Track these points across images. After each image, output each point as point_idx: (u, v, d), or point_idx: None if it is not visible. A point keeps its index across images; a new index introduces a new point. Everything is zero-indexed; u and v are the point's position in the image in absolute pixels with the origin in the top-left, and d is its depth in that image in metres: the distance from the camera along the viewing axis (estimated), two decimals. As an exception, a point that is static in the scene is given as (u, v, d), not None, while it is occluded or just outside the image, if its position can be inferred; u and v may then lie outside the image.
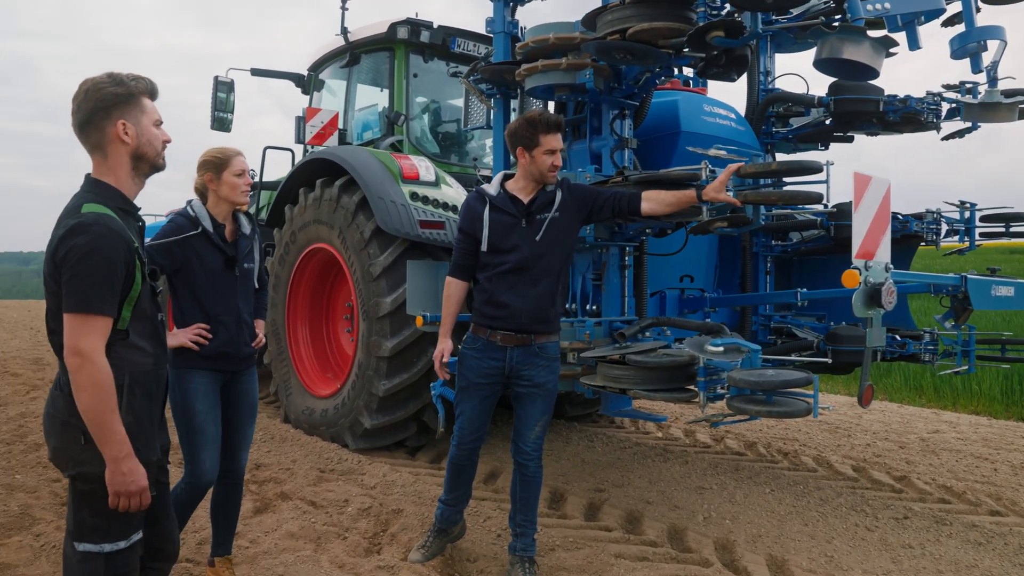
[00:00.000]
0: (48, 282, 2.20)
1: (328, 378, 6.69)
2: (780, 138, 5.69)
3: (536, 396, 3.67)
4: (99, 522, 2.22)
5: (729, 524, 4.60)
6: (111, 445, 2.14)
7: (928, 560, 4.14)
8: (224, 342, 3.34)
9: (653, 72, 4.33)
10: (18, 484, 5.08)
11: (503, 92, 5.04)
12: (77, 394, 2.12)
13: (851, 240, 4.45)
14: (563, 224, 3.63)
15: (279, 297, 6.83)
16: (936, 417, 8.24)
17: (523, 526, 3.78)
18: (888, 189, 3.13)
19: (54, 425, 2.25)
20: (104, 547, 2.22)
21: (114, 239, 2.15)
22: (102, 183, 2.28)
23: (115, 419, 2.15)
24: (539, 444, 3.75)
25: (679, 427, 7.27)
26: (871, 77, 4.82)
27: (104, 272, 2.13)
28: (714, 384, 3.57)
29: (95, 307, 2.12)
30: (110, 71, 2.31)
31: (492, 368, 3.65)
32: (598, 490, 5.21)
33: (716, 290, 5.50)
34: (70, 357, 2.10)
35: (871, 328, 3.06)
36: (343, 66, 7.32)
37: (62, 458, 2.25)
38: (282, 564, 3.85)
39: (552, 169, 3.58)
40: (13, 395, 8.22)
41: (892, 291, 3.01)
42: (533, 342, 3.62)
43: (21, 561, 3.88)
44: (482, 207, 3.65)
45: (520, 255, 3.56)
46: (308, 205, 6.38)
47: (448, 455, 3.93)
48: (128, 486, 2.17)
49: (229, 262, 3.35)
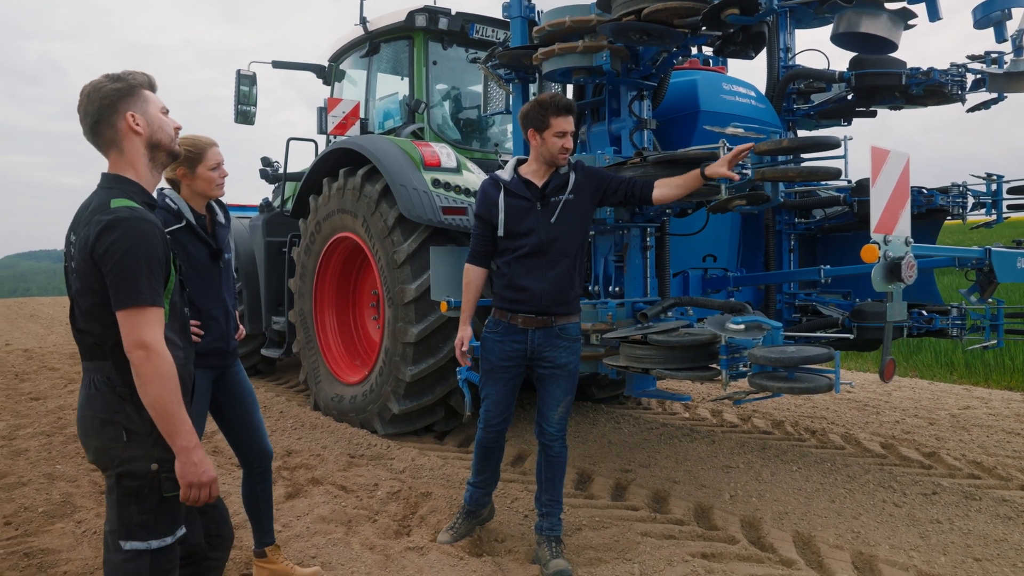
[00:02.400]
0: (85, 279, 2.17)
1: (356, 365, 6.78)
2: (802, 115, 5.65)
3: (558, 377, 3.72)
4: (147, 519, 2.20)
5: (756, 502, 4.62)
6: (181, 436, 2.13)
7: (956, 535, 4.13)
8: (216, 337, 3.27)
9: (670, 52, 4.32)
10: (59, 474, 5.23)
11: (521, 77, 5.05)
12: (144, 387, 2.10)
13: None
14: (578, 206, 3.66)
15: (306, 287, 6.93)
16: (967, 393, 8.16)
17: (549, 506, 3.83)
18: (907, 163, 3.11)
19: (92, 426, 2.23)
20: (151, 544, 2.21)
21: (152, 230, 2.16)
22: (123, 178, 2.27)
23: (182, 409, 2.14)
24: (563, 425, 3.79)
25: (705, 407, 7.28)
26: (890, 50, 4.76)
27: (149, 263, 2.13)
28: (736, 362, 3.58)
29: (147, 299, 2.11)
30: (105, 73, 2.31)
31: (515, 351, 3.70)
32: (625, 470, 5.24)
33: (739, 269, 5.49)
34: (134, 351, 2.09)
35: (891, 303, 3.05)
36: (363, 56, 7.37)
37: (105, 458, 2.22)
38: (314, 547, 3.95)
39: (563, 151, 3.61)
40: (51, 389, 8.43)
41: (912, 265, 3.00)
42: (554, 324, 3.67)
43: (64, 547, 4.01)
44: (497, 192, 3.70)
45: (536, 238, 3.60)
46: (332, 195, 6.45)
47: (475, 438, 3.99)
48: (200, 476, 2.17)
49: (215, 254, 3.28)
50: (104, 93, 2.23)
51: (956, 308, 5.07)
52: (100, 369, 2.22)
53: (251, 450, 3.51)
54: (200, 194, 3.27)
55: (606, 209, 4.25)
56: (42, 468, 5.38)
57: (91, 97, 2.23)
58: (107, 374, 2.21)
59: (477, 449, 3.99)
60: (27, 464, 5.50)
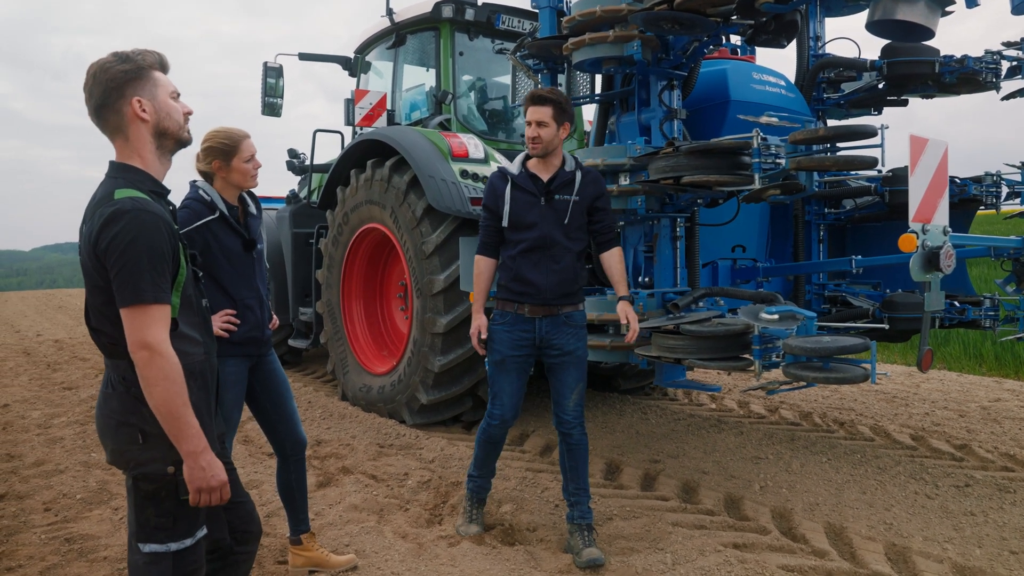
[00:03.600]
0: (91, 275, 2.07)
1: (384, 356, 6.82)
2: (831, 104, 5.60)
3: (568, 364, 3.78)
4: (165, 521, 2.12)
5: (786, 493, 4.61)
6: (188, 440, 2.04)
7: (991, 527, 4.09)
8: (252, 326, 3.32)
9: (701, 41, 4.29)
10: (95, 462, 5.32)
11: (550, 67, 5.04)
12: (148, 389, 2.00)
13: (907, 205, 4.40)
14: (581, 207, 3.77)
15: (333, 277, 6.97)
16: (998, 386, 8.07)
17: (576, 495, 3.84)
18: (945, 151, 3.08)
19: (108, 427, 2.15)
20: (171, 546, 2.13)
21: (155, 223, 2.04)
22: (129, 167, 2.15)
23: (189, 412, 2.04)
24: (579, 411, 3.84)
25: (732, 398, 7.26)
26: (926, 38, 4.71)
27: (152, 258, 2.01)
28: (769, 352, 3.57)
29: (150, 296, 2.00)
30: (115, 50, 2.17)
31: (523, 339, 3.77)
32: (653, 461, 5.25)
33: (768, 260, 5.46)
34: (137, 351, 1.99)
35: (929, 292, 3.03)
36: (389, 47, 7.38)
37: (122, 460, 2.14)
38: (347, 535, 3.99)
39: (529, 140, 3.71)
40: (83, 379, 8.56)
41: (951, 254, 2.98)
42: (560, 312, 3.76)
43: (103, 532, 4.08)
44: (504, 185, 3.79)
45: (539, 232, 3.70)
46: (360, 186, 6.49)
47: (480, 431, 4.01)
48: (209, 481, 2.08)
49: (247, 244, 3.30)
50: (111, 75, 2.10)
51: (989, 299, 5.01)
52: (117, 368, 2.14)
53: (285, 438, 3.54)
54: (235, 185, 3.31)
55: (638, 199, 4.25)
56: (78, 456, 5.47)
57: (97, 79, 2.10)
58: (123, 373, 2.12)
59: (482, 443, 4.01)
60: (63, 452, 5.60)
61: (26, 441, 5.95)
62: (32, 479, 5.00)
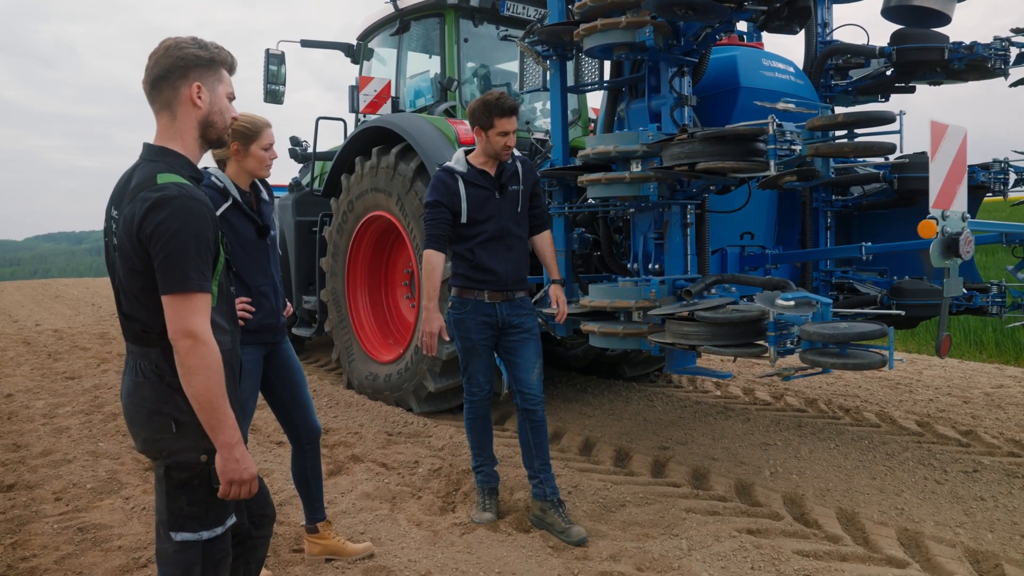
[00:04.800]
0: (130, 259, 2.04)
1: (390, 344, 6.81)
2: (840, 91, 5.58)
3: (528, 340, 4.04)
4: (197, 510, 2.12)
5: (796, 479, 4.63)
6: (224, 431, 2.03)
7: (1002, 512, 4.12)
8: (267, 314, 3.32)
9: (713, 27, 4.27)
10: (102, 451, 5.31)
11: (559, 54, 5.01)
12: (188, 378, 1.99)
13: (916, 192, 4.39)
14: (527, 195, 4.08)
15: (338, 266, 6.95)
16: (999, 372, 8.11)
17: (543, 471, 3.98)
18: (964, 137, 3.08)
19: (140, 415, 2.13)
20: (202, 535, 2.13)
21: (201, 210, 2.03)
22: (169, 151, 2.13)
23: (226, 403, 2.03)
24: (541, 387, 4.04)
25: (737, 385, 7.27)
26: (942, 24, 4.69)
27: (198, 246, 2.00)
28: (784, 338, 3.57)
29: (195, 284, 1.99)
30: (193, 36, 2.19)
31: (487, 324, 3.99)
32: (663, 448, 5.26)
33: (776, 247, 5.46)
34: (180, 340, 1.97)
35: (948, 278, 3.03)
36: (393, 34, 7.33)
37: (154, 449, 2.13)
38: (362, 523, 3.99)
39: (505, 149, 3.92)
40: (85, 368, 8.53)
41: (970, 240, 2.98)
42: (515, 296, 4.04)
43: (115, 522, 4.08)
44: (455, 182, 3.93)
45: (496, 224, 3.95)
46: (365, 173, 6.46)
47: (466, 417, 4.15)
48: (241, 474, 2.07)
49: (261, 231, 3.29)
50: (183, 54, 2.12)
51: (996, 285, 5.02)
52: (147, 356, 2.12)
53: (301, 426, 3.54)
54: (249, 172, 3.30)
55: (650, 185, 4.24)
56: (85, 446, 5.46)
57: (168, 52, 2.11)
58: (155, 362, 2.11)
59: (472, 425, 4.15)
60: (70, 442, 5.59)
61: (32, 431, 5.93)
62: (41, 468, 4.98)
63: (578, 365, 7.58)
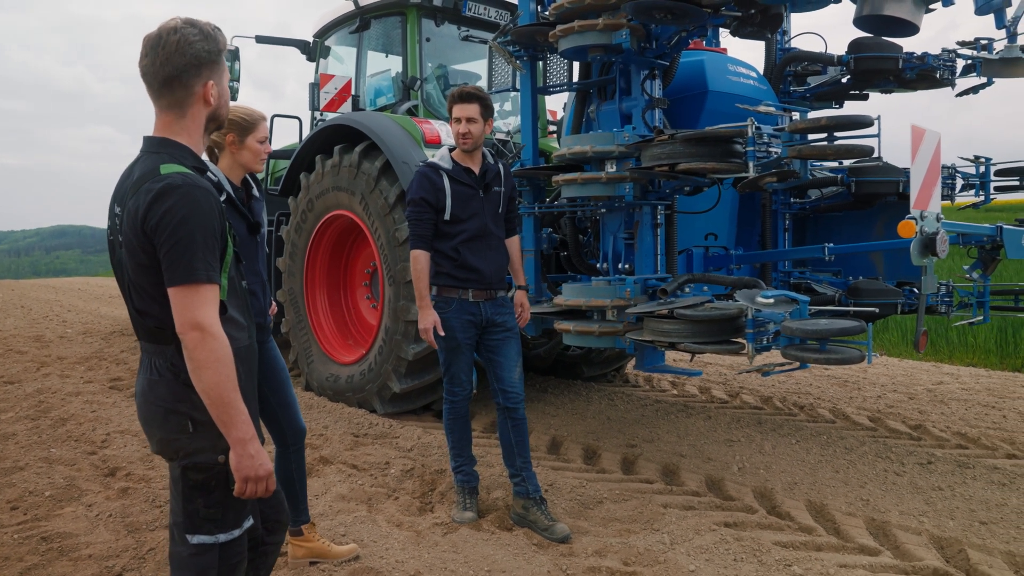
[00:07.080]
0: (137, 254, 1.98)
1: (350, 345, 6.72)
2: (797, 96, 5.75)
3: (510, 339, 4.08)
4: (214, 512, 2.07)
5: (764, 473, 4.75)
6: (237, 427, 1.95)
7: (960, 500, 4.31)
8: (256, 313, 3.18)
9: (688, 32, 4.36)
10: (55, 457, 5.11)
11: (531, 54, 5.05)
12: (198, 372, 1.92)
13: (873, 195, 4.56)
14: (507, 197, 4.14)
15: (296, 266, 6.84)
16: (937, 370, 8.46)
17: (525, 469, 4.02)
18: (939, 142, 3.21)
19: (155, 415, 2.07)
20: (219, 537, 2.09)
21: (207, 199, 1.97)
22: (171, 141, 2.07)
23: (239, 398, 1.96)
24: (522, 386, 4.08)
25: (692, 384, 7.41)
26: (911, 34, 4.86)
27: (204, 236, 1.94)
28: (762, 335, 3.67)
29: (203, 275, 1.92)
30: (188, 18, 2.07)
31: (471, 322, 4.00)
32: (630, 445, 5.33)
33: (737, 247, 5.59)
34: (188, 332, 1.90)
35: (925, 276, 3.17)
36: (352, 31, 7.25)
37: (170, 449, 2.07)
38: (342, 525, 3.94)
39: (462, 137, 3.92)
40: (24, 372, 8.17)
41: (945, 240, 3.12)
42: (497, 295, 4.08)
43: (80, 530, 3.93)
44: (440, 179, 3.93)
45: (479, 222, 3.97)
46: (326, 172, 6.37)
47: (446, 417, 4.14)
48: (257, 470, 2.00)
49: (253, 227, 3.21)
50: (194, 52, 2.02)
51: (944, 286, 5.24)
52: (162, 354, 2.05)
53: (287, 427, 3.48)
54: (243, 165, 3.24)
55: (626, 186, 4.29)
56: (36, 452, 5.24)
57: (180, 50, 2.01)
58: (170, 359, 2.04)
59: (452, 425, 4.14)
60: (19, 448, 5.35)
61: (-25, 438, 5.66)
62: (-9, 476, 4.77)
63: (541, 365, 7.61)
